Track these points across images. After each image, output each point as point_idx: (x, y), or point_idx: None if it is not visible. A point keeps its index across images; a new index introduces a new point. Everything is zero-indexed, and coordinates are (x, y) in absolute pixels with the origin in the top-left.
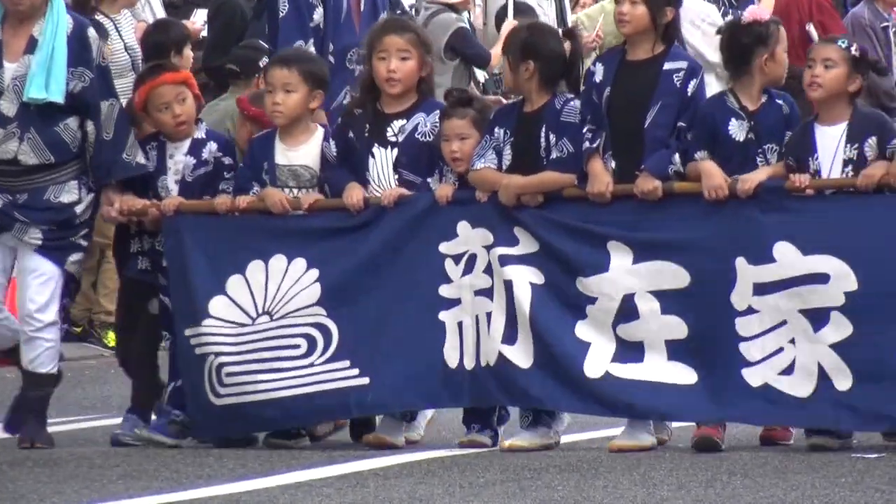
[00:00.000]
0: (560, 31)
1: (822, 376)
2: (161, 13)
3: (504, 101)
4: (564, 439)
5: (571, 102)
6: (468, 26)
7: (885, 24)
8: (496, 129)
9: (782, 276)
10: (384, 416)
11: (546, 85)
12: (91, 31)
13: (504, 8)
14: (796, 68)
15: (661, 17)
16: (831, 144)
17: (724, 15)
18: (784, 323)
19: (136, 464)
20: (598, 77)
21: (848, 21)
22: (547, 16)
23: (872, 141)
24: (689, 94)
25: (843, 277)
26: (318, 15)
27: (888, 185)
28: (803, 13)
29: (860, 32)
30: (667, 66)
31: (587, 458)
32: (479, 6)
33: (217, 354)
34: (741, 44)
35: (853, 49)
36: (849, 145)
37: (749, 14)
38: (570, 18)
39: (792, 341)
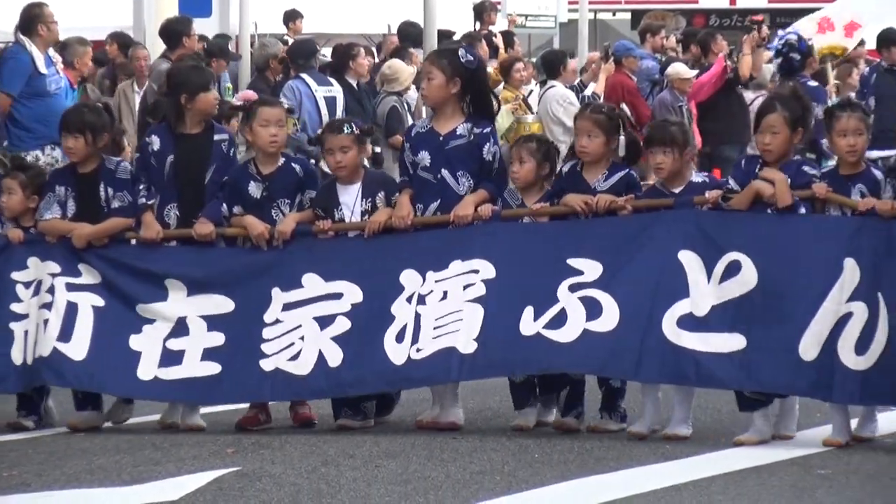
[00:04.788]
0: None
1: (321, 359)
2: None
3: None
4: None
5: (122, 164)
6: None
7: (681, 104)
8: (57, 187)
9: (307, 296)
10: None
11: (97, 153)
12: None
13: None
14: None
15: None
16: (351, 199)
17: (580, 96)
18: (299, 326)
19: None
20: (156, 147)
21: (656, 102)
22: None
23: (382, 195)
24: (231, 156)
25: (352, 294)
26: None
27: (391, 225)
28: (619, 96)
29: (664, 110)
30: (216, 137)
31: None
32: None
33: None
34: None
35: (354, 130)
36: (364, 199)
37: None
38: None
39: (302, 338)
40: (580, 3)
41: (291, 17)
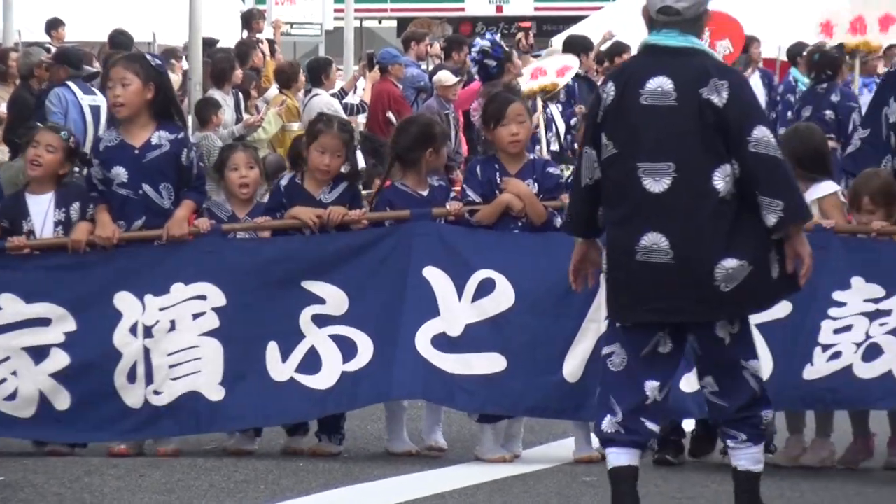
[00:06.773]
0: None
1: (43, 400)
2: None
3: None
4: None
5: None
6: None
7: (447, 111)
8: None
9: (7, 320)
10: None
11: None
12: None
13: None
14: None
15: None
16: (42, 209)
17: (342, 104)
18: (7, 359)
19: None
20: None
21: (422, 110)
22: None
23: (76, 206)
24: None
25: (62, 321)
26: None
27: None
28: (385, 104)
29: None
30: None
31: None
32: None
33: None
34: None
35: (70, 141)
36: (58, 210)
37: None
38: None
39: (14, 373)
40: (346, 10)
41: (53, 25)
